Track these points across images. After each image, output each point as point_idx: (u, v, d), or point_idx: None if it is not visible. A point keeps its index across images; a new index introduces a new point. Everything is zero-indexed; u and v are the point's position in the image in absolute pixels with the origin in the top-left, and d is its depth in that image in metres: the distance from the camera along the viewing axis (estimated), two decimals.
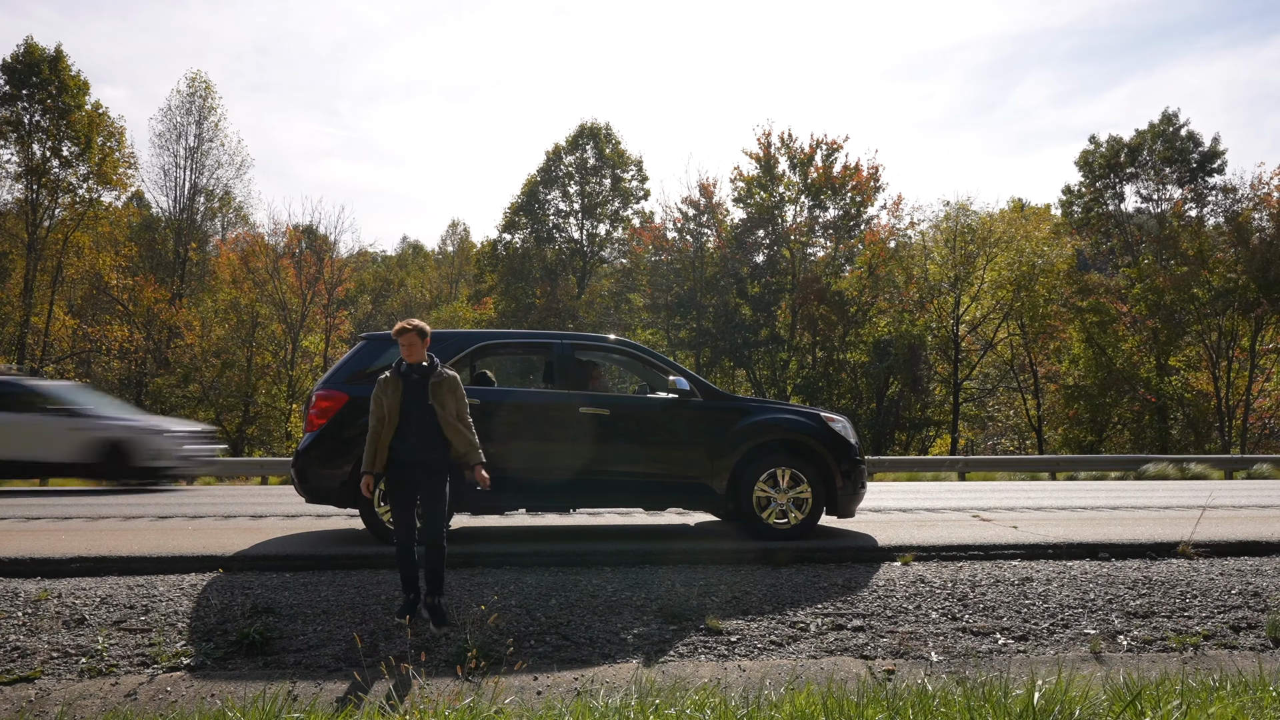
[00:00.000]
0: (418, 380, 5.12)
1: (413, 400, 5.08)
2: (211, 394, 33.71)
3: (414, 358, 5.13)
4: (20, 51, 32.98)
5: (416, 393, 5.09)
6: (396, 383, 5.11)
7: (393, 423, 5.08)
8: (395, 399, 5.09)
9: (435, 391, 5.11)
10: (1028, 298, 32.71)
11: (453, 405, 5.14)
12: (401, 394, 5.10)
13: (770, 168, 35.31)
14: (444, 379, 5.17)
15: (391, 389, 5.10)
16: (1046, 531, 7.71)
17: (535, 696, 4.24)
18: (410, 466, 5.06)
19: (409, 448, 5.06)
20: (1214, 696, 3.39)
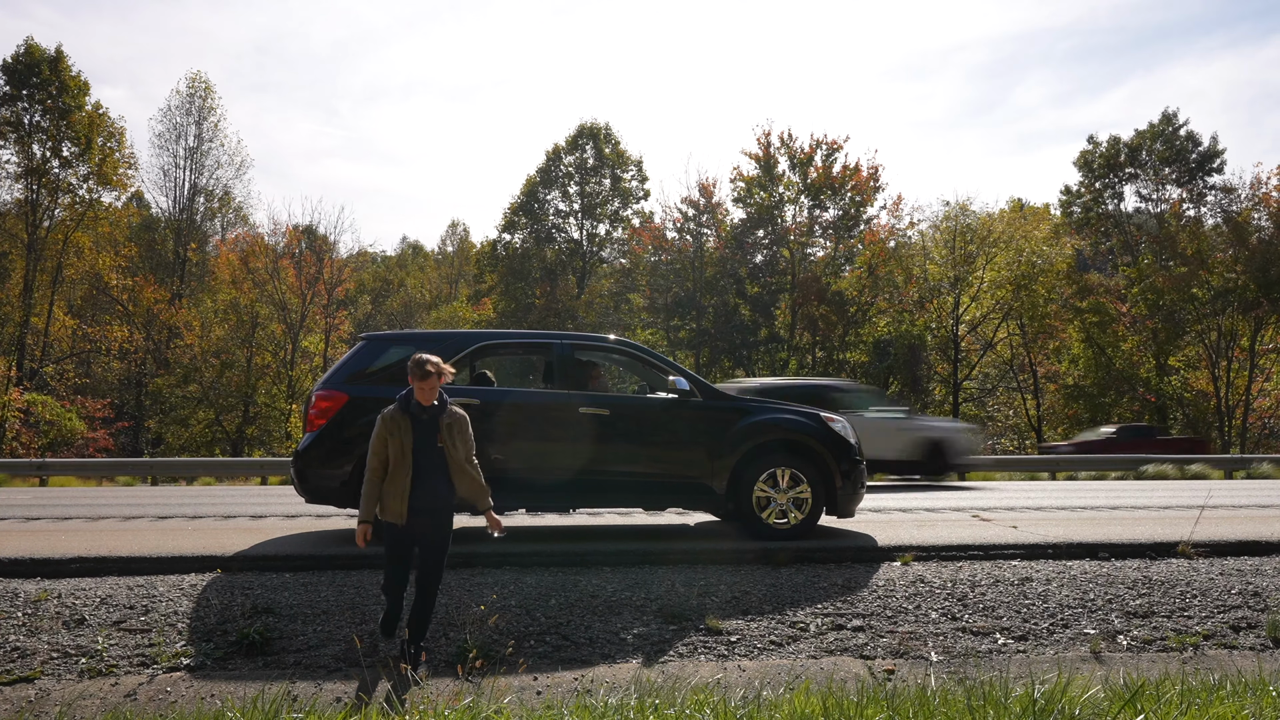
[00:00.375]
0: (428, 420, 4.70)
1: (422, 441, 4.67)
2: (211, 394, 33.71)
3: (429, 400, 4.68)
4: (20, 52, 32.99)
5: (426, 433, 4.68)
6: (405, 422, 4.67)
7: (406, 466, 4.63)
8: (407, 441, 4.64)
9: (448, 432, 4.71)
10: (1027, 297, 32.73)
11: (463, 447, 4.75)
12: (412, 435, 4.66)
13: (770, 168, 35.32)
14: (456, 419, 4.77)
15: (401, 429, 4.66)
16: (1046, 531, 7.71)
17: (535, 696, 4.24)
18: (415, 513, 4.64)
19: (416, 494, 4.64)
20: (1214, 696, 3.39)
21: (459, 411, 4.85)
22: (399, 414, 4.70)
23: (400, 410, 4.71)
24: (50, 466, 19.20)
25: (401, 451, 4.63)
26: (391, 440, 4.65)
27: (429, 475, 4.67)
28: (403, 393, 4.77)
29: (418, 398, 4.68)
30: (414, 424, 4.68)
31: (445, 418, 4.75)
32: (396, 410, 4.72)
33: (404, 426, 4.67)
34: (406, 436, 4.65)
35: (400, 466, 4.63)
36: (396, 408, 4.72)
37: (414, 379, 4.67)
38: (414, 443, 4.65)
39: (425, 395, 4.65)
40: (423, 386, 4.65)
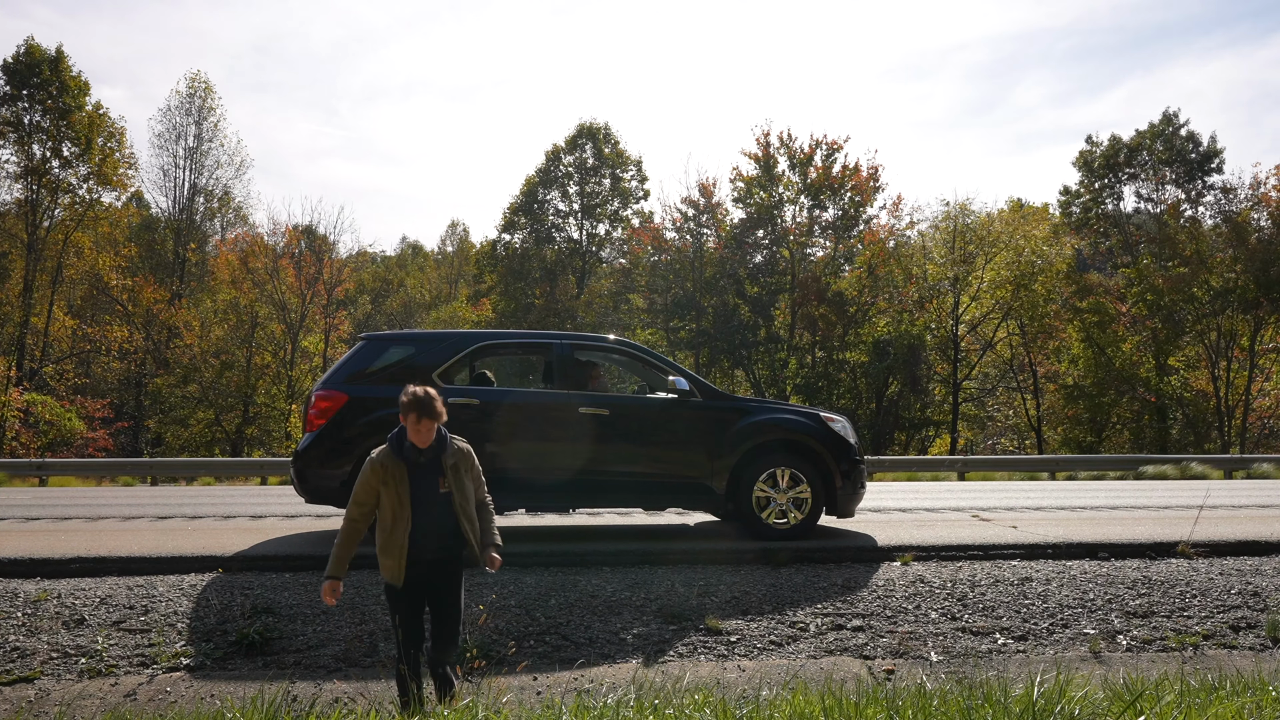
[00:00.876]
0: (426, 464, 4.06)
1: (422, 490, 4.04)
2: (211, 394, 33.71)
3: (426, 441, 4.04)
4: (21, 52, 32.98)
5: (426, 479, 4.06)
6: (399, 469, 4.02)
7: (404, 519, 3.99)
8: (403, 489, 4.01)
9: (454, 475, 4.08)
10: (1027, 297, 32.74)
11: (471, 486, 4.16)
12: (409, 482, 4.03)
13: (769, 168, 35.32)
14: (461, 456, 4.13)
15: (395, 478, 4.01)
16: (1046, 531, 7.71)
17: (535, 696, 4.24)
18: (420, 566, 4.03)
19: (418, 547, 4.02)
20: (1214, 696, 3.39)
21: (463, 447, 4.18)
22: (391, 460, 4.03)
23: (393, 453, 4.04)
24: (50, 466, 19.19)
25: (398, 503, 4.01)
26: (385, 491, 4.02)
27: (432, 524, 4.04)
28: (394, 433, 4.10)
29: (412, 439, 4.02)
30: (410, 470, 4.04)
31: (448, 458, 4.08)
32: (387, 455, 4.04)
33: (398, 474, 4.02)
34: (402, 485, 4.01)
35: (398, 520, 4.00)
36: (388, 452, 4.05)
37: (409, 418, 4.00)
38: (411, 492, 4.02)
39: (422, 437, 4.01)
40: (419, 428, 4.00)
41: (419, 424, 3.99)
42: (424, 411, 3.98)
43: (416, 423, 3.99)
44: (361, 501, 4.03)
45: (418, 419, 3.99)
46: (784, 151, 35.30)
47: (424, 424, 4.00)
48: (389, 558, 3.99)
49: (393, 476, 4.00)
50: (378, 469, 4.01)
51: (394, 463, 4.02)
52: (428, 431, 4.01)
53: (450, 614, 4.09)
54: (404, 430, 4.06)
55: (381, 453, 4.07)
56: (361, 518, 4.06)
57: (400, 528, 3.98)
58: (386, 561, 4.00)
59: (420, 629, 4.13)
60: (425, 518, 4.02)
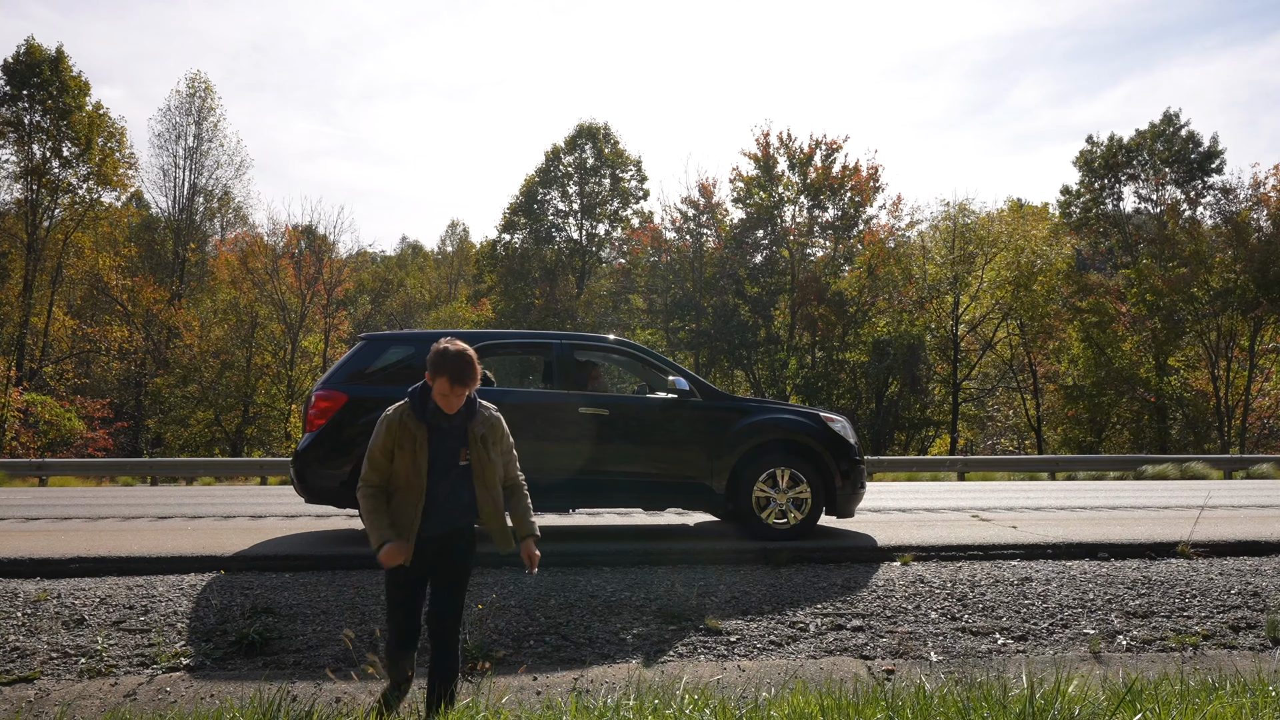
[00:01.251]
0: (450, 430, 3.61)
1: (442, 458, 3.60)
2: (211, 394, 33.71)
3: (452, 409, 3.58)
4: (21, 52, 32.99)
5: (448, 444, 3.61)
6: (418, 431, 3.57)
7: (418, 489, 3.54)
8: (420, 455, 3.55)
9: (481, 445, 3.65)
10: (1026, 297, 32.75)
11: (499, 461, 3.71)
12: (428, 447, 3.57)
13: (769, 168, 35.33)
14: (491, 425, 3.69)
15: (413, 441, 3.56)
16: (1046, 531, 7.71)
17: (534, 696, 4.24)
18: (429, 545, 3.64)
19: (429, 522, 3.61)
20: (1213, 696, 3.39)
21: (493, 415, 3.72)
22: (411, 420, 3.57)
23: (414, 413, 3.58)
24: (50, 466, 19.19)
25: (413, 469, 3.55)
26: (399, 454, 3.57)
27: (446, 499, 3.62)
28: (415, 388, 3.63)
29: (438, 403, 3.55)
30: (431, 434, 3.58)
31: (477, 426, 3.64)
32: (407, 414, 3.59)
33: (417, 438, 3.56)
34: (420, 451, 3.56)
35: (410, 489, 3.56)
36: (407, 411, 3.59)
37: (439, 381, 3.49)
38: (430, 459, 3.57)
39: (450, 404, 3.55)
40: (449, 396, 3.51)
41: (451, 390, 3.50)
42: (458, 378, 3.47)
43: (448, 388, 3.50)
44: (377, 463, 3.57)
45: (450, 384, 3.49)
46: (784, 151, 35.32)
47: (455, 391, 3.52)
48: (405, 531, 3.58)
49: (410, 439, 3.55)
50: (394, 429, 3.56)
51: (414, 423, 3.57)
52: (459, 400, 3.55)
53: (456, 590, 3.69)
54: (427, 388, 3.58)
55: (400, 410, 3.60)
56: (381, 481, 3.59)
57: (411, 499, 3.54)
58: (403, 535, 3.59)
59: (416, 624, 3.77)
60: (441, 490, 3.59)
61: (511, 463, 3.81)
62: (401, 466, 3.58)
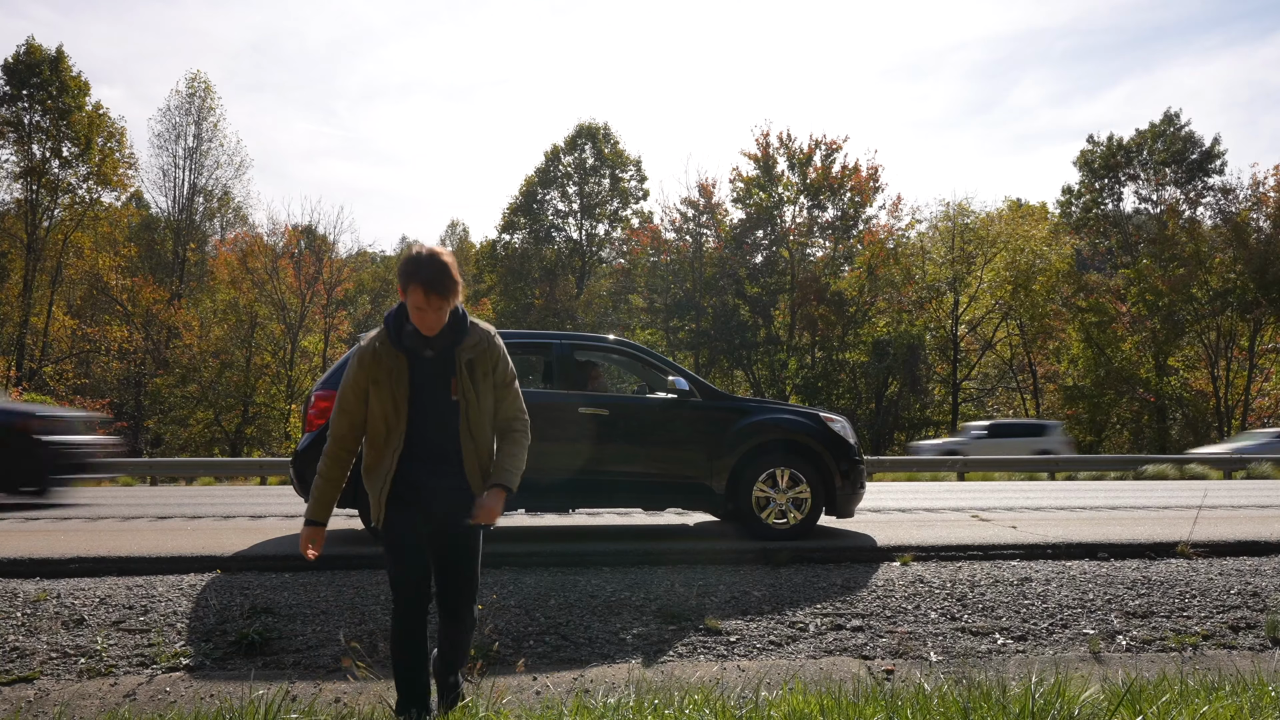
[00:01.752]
0: (435, 358, 2.97)
1: (427, 391, 2.97)
2: (210, 394, 33.71)
3: (433, 328, 2.91)
4: (21, 52, 33.00)
5: (434, 376, 2.98)
6: (396, 363, 2.95)
7: (398, 433, 2.93)
8: (400, 391, 2.93)
9: (468, 374, 2.99)
10: (1026, 297, 32.76)
11: (491, 397, 3.03)
12: (409, 380, 2.95)
13: (769, 168, 35.35)
14: (483, 349, 3.01)
15: (388, 374, 2.94)
16: (1045, 531, 7.71)
17: (534, 696, 4.24)
18: (423, 492, 3.01)
19: (423, 466, 2.99)
20: (1213, 696, 3.39)
21: (486, 335, 3.04)
22: (387, 349, 2.94)
23: (388, 343, 2.95)
24: None
25: (393, 410, 2.92)
26: (376, 391, 2.92)
27: (437, 446, 2.98)
28: (391, 312, 3.00)
29: (415, 323, 2.90)
30: (413, 365, 2.96)
31: (465, 350, 2.99)
32: (382, 344, 2.95)
33: (395, 371, 2.93)
34: (400, 386, 2.93)
35: (392, 434, 2.93)
36: (383, 338, 2.96)
37: (411, 291, 2.84)
38: (411, 395, 2.94)
39: (428, 320, 2.88)
40: (425, 308, 2.84)
41: (426, 302, 2.84)
42: (432, 284, 2.80)
43: (423, 300, 2.84)
44: (348, 406, 2.94)
45: (424, 294, 2.82)
46: (783, 151, 35.35)
47: (432, 302, 2.84)
48: (377, 487, 2.96)
49: (387, 373, 2.93)
50: (367, 361, 2.93)
51: (390, 353, 2.94)
52: (437, 314, 2.87)
53: (468, 553, 3.11)
54: (404, 309, 2.94)
55: (374, 339, 2.99)
56: (349, 432, 2.97)
57: (390, 446, 2.94)
58: (375, 492, 2.97)
59: (423, 577, 3.09)
60: (428, 433, 2.96)
61: (509, 400, 3.05)
62: (379, 407, 2.91)
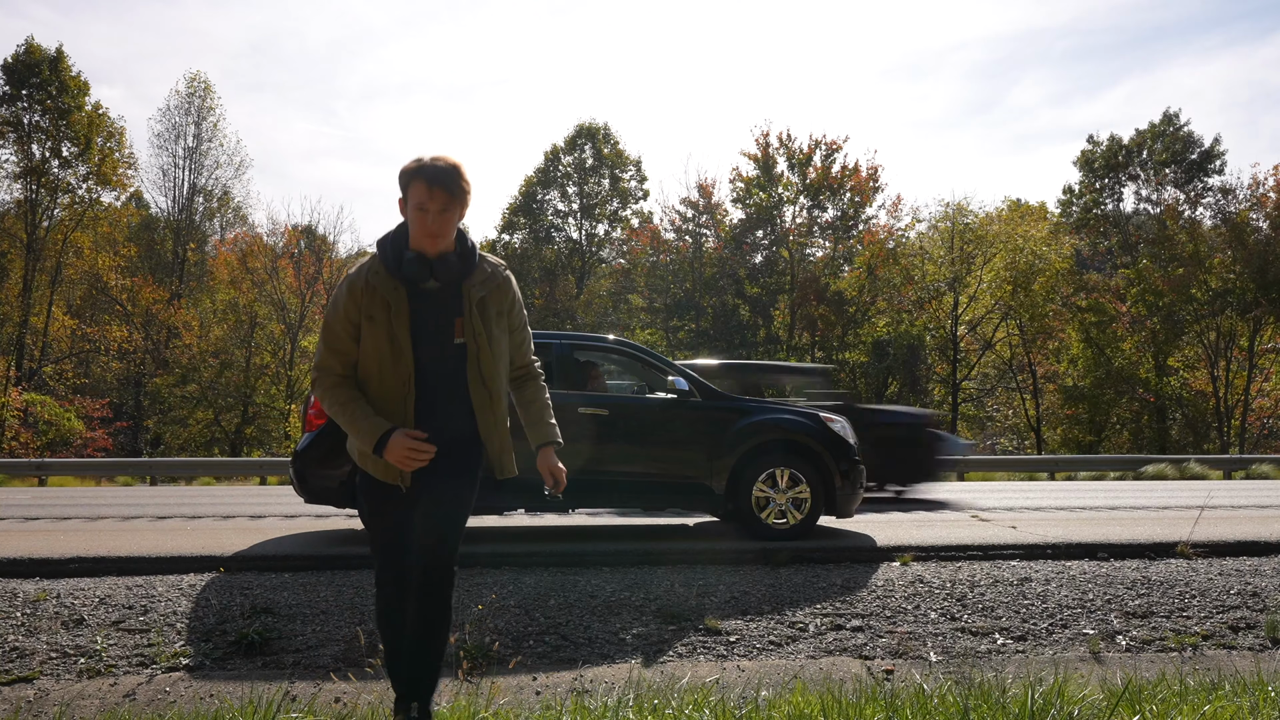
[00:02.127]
0: (438, 292, 2.57)
1: (428, 328, 2.56)
2: (210, 394, 33.70)
3: (437, 245, 2.52)
4: (21, 52, 32.98)
5: (436, 313, 2.57)
6: (394, 293, 2.53)
7: (402, 375, 2.53)
8: (400, 325, 2.52)
9: (479, 313, 2.59)
10: (1026, 297, 32.77)
11: (503, 339, 2.65)
12: (409, 315, 2.54)
13: (769, 168, 35.34)
14: (495, 286, 2.62)
15: (385, 307, 2.52)
16: (1045, 531, 7.71)
17: (534, 696, 4.24)
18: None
19: (425, 422, 2.61)
20: (1212, 696, 3.39)
21: (500, 270, 2.64)
22: (383, 278, 2.53)
23: (385, 272, 2.53)
24: (49, 466, 19.19)
25: (392, 350, 2.51)
26: (370, 328, 2.51)
27: (443, 395, 2.59)
28: (387, 236, 2.60)
29: (417, 240, 2.52)
30: (413, 298, 2.54)
31: (475, 286, 2.58)
32: (377, 270, 2.54)
33: (393, 303, 2.51)
34: (399, 321, 2.51)
35: (392, 379, 2.53)
36: (377, 265, 2.54)
37: (413, 191, 2.47)
38: (413, 334, 2.53)
39: (431, 233, 2.48)
40: (427, 212, 2.45)
41: (429, 197, 2.43)
42: (436, 177, 2.41)
43: (425, 195, 2.43)
44: (339, 343, 2.53)
45: (428, 188, 2.42)
46: (783, 152, 35.34)
47: (436, 198, 2.43)
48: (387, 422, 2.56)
49: (382, 305, 2.51)
50: (358, 292, 2.51)
51: (387, 283, 2.51)
52: (442, 219, 2.46)
53: (451, 506, 2.69)
54: (403, 231, 2.55)
55: (367, 266, 2.55)
56: (344, 370, 2.56)
57: (396, 394, 2.54)
58: (364, 445, 2.59)
59: (406, 539, 2.72)
60: (435, 378, 2.56)
61: (524, 344, 2.71)
62: (374, 347, 2.48)
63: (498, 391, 2.65)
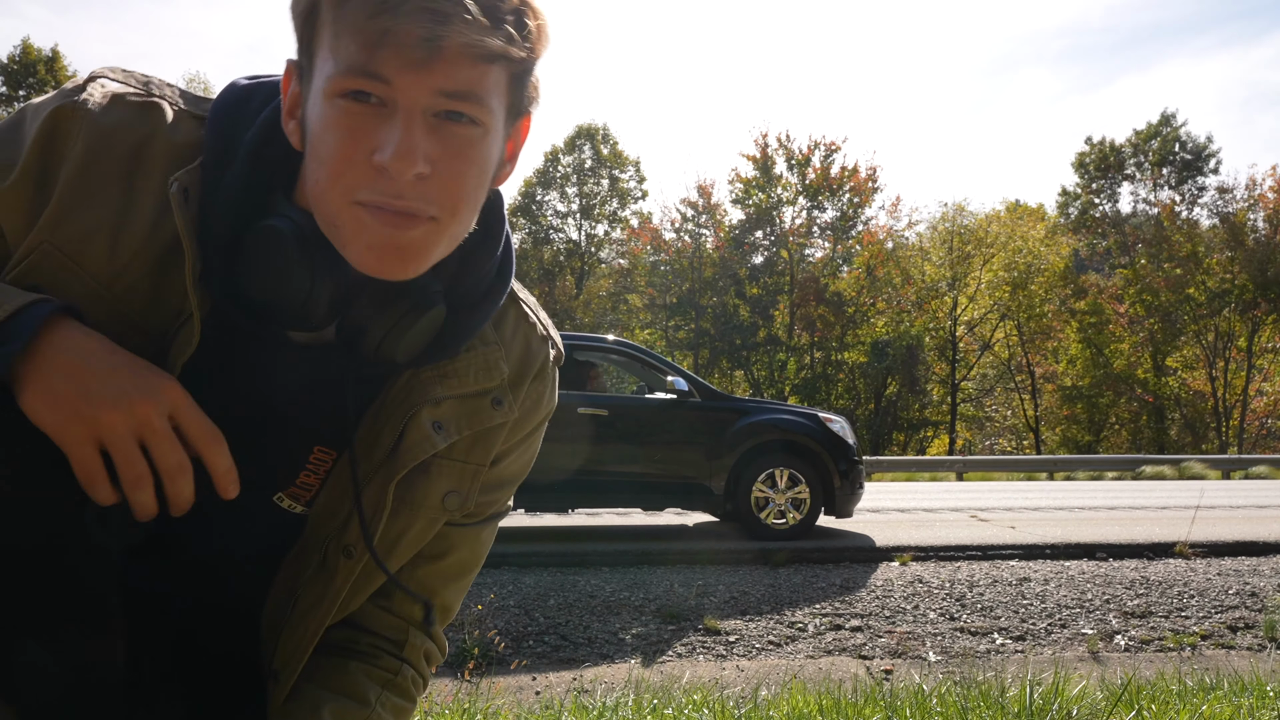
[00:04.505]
0: (318, 354, 0.87)
1: (245, 434, 0.81)
2: None
3: (391, 234, 0.74)
4: (17, 53, 33.00)
5: (283, 407, 0.87)
6: (177, 319, 0.80)
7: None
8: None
9: (429, 452, 0.90)
10: (1024, 298, 32.80)
11: (431, 525, 0.98)
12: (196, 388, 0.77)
13: (768, 169, 35.37)
14: (524, 399, 1.04)
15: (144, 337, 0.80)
16: (1044, 531, 7.72)
17: (533, 696, 4.24)
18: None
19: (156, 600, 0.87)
20: (1211, 696, 3.40)
21: (541, 351, 1.04)
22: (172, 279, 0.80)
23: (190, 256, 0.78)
24: None
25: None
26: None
27: (212, 584, 0.90)
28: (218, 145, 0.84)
29: (323, 187, 0.75)
30: (218, 346, 0.82)
31: (448, 381, 0.91)
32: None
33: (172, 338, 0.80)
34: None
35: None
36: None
37: (344, 44, 0.71)
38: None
39: (391, 189, 0.73)
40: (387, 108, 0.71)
41: (398, 77, 0.70)
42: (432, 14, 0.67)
43: (394, 67, 0.70)
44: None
45: (398, 53, 0.69)
46: (782, 152, 35.36)
47: (404, 78, 0.68)
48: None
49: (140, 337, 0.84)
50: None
51: (174, 289, 0.89)
52: (405, 159, 0.70)
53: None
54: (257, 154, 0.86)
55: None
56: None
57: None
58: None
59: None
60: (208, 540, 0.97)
61: (455, 561, 1.08)
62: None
63: (318, 635, 0.94)
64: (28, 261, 0.78)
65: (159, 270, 0.81)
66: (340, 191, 0.74)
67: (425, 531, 0.97)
